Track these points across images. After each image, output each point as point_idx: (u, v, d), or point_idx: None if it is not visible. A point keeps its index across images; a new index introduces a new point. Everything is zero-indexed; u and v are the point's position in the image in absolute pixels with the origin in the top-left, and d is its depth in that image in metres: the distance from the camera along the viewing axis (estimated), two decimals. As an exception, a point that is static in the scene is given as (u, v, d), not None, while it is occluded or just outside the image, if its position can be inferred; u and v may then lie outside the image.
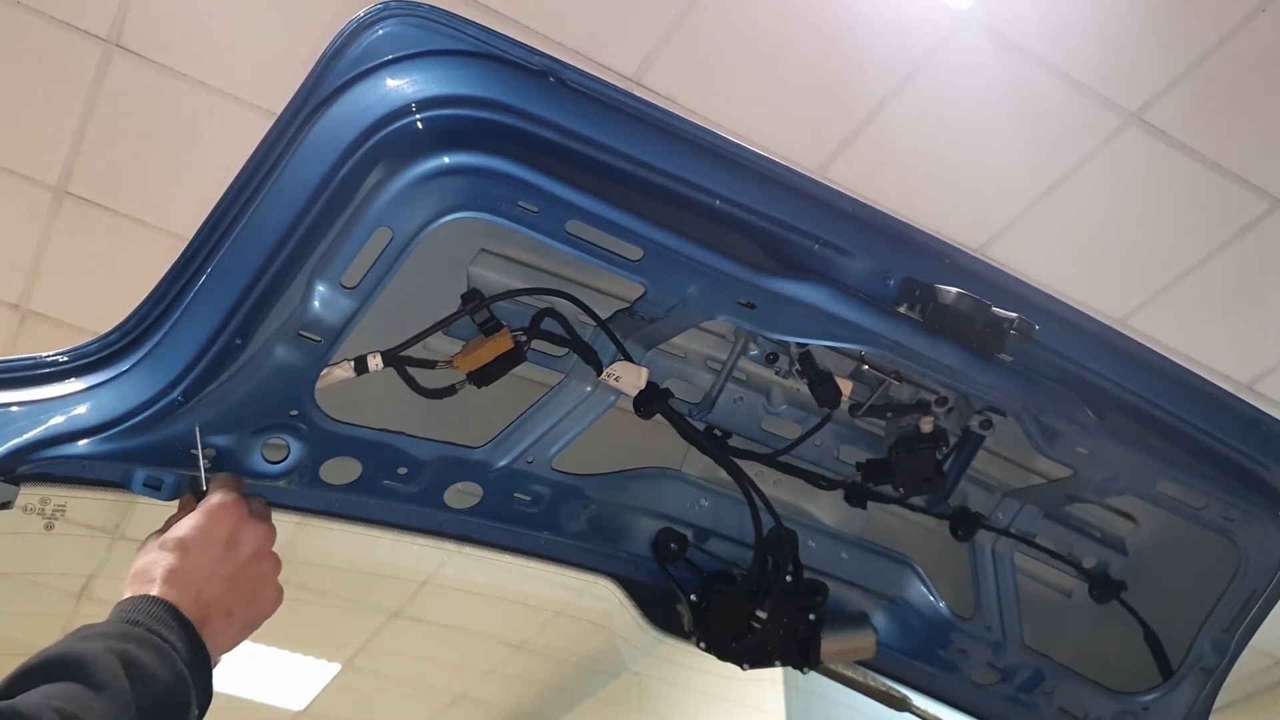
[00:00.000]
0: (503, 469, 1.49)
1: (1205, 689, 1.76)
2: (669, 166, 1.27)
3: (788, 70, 3.27)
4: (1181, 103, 3.28)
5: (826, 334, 1.37)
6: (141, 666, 0.94)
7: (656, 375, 1.51)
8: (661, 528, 1.62)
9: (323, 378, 1.31)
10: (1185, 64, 3.19)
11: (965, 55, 3.20)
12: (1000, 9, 3.08)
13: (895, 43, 3.19)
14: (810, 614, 1.60)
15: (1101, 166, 3.49)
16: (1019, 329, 1.37)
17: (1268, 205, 3.58)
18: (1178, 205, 3.62)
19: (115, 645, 0.94)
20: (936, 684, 1.77)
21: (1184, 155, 3.44)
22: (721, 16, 3.12)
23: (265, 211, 1.18)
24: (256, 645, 4.82)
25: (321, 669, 6.42)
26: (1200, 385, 1.57)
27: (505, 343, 1.38)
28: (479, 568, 4.58)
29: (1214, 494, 1.61)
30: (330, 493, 1.41)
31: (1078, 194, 3.58)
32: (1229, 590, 1.70)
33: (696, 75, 3.28)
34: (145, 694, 0.93)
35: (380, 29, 1.16)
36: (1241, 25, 3.08)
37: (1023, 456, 1.72)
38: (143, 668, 0.94)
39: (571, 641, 5.91)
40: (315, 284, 1.22)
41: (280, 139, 1.17)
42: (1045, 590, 1.84)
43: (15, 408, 1.22)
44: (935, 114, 3.37)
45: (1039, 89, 3.27)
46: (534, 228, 1.23)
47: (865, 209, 1.37)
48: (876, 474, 1.63)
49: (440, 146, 1.17)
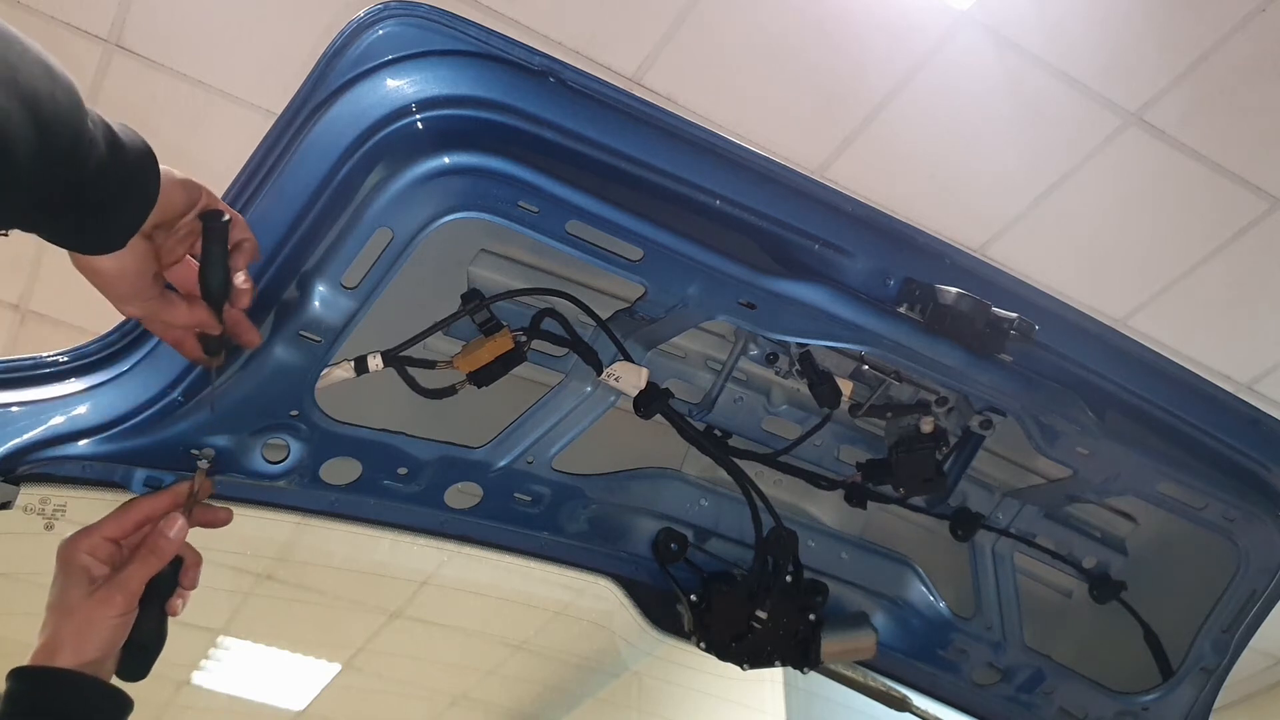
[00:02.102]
0: (503, 469, 1.49)
1: (1205, 689, 1.76)
2: (669, 166, 1.27)
3: (788, 70, 3.27)
4: (1181, 103, 3.28)
5: (827, 334, 1.37)
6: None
7: (657, 375, 1.51)
8: (662, 528, 1.62)
9: (323, 378, 1.31)
10: (1185, 64, 3.19)
11: (965, 55, 3.20)
12: (1000, 9, 3.08)
13: (895, 43, 3.19)
14: (810, 614, 1.60)
15: (1101, 166, 3.49)
16: (1019, 329, 1.37)
17: (1268, 205, 3.59)
18: (1178, 205, 3.62)
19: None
20: (936, 684, 1.77)
21: (1184, 155, 3.44)
22: (721, 16, 3.12)
23: (266, 211, 1.18)
24: (256, 645, 4.86)
25: (321, 669, 6.43)
26: (1200, 385, 1.57)
27: (505, 343, 1.38)
28: (479, 568, 4.58)
29: (1214, 494, 1.62)
30: (330, 493, 1.41)
31: (1078, 194, 3.58)
32: (1229, 590, 1.70)
33: (696, 75, 3.28)
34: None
35: (380, 29, 1.16)
36: (1241, 25, 3.09)
37: (1023, 456, 1.72)
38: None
39: (571, 641, 5.91)
40: (316, 284, 1.22)
41: (280, 139, 1.17)
42: (1045, 590, 1.84)
43: (15, 408, 1.22)
44: (935, 114, 3.37)
45: (1039, 89, 3.27)
46: (534, 228, 1.23)
47: (865, 209, 1.37)
48: (876, 474, 1.63)
49: (440, 147, 1.17)
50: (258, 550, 5.10)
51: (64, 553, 1.15)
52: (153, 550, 1.16)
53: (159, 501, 1.21)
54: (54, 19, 3.09)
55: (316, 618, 5.98)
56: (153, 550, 1.16)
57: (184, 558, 1.19)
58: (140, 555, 1.16)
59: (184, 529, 1.19)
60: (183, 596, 1.20)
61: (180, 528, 1.18)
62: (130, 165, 0.98)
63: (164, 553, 1.16)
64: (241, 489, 1.33)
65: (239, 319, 1.16)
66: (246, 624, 5.96)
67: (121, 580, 1.13)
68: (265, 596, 5.59)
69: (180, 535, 1.18)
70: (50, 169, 0.89)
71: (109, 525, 1.17)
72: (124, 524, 1.18)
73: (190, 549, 1.20)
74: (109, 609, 1.12)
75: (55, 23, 3.10)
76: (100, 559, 1.15)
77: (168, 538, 1.17)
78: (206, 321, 1.13)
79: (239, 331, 1.17)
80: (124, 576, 1.14)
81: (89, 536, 1.16)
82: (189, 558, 1.20)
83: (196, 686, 6.54)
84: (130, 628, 1.14)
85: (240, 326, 1.17)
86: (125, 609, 1.13)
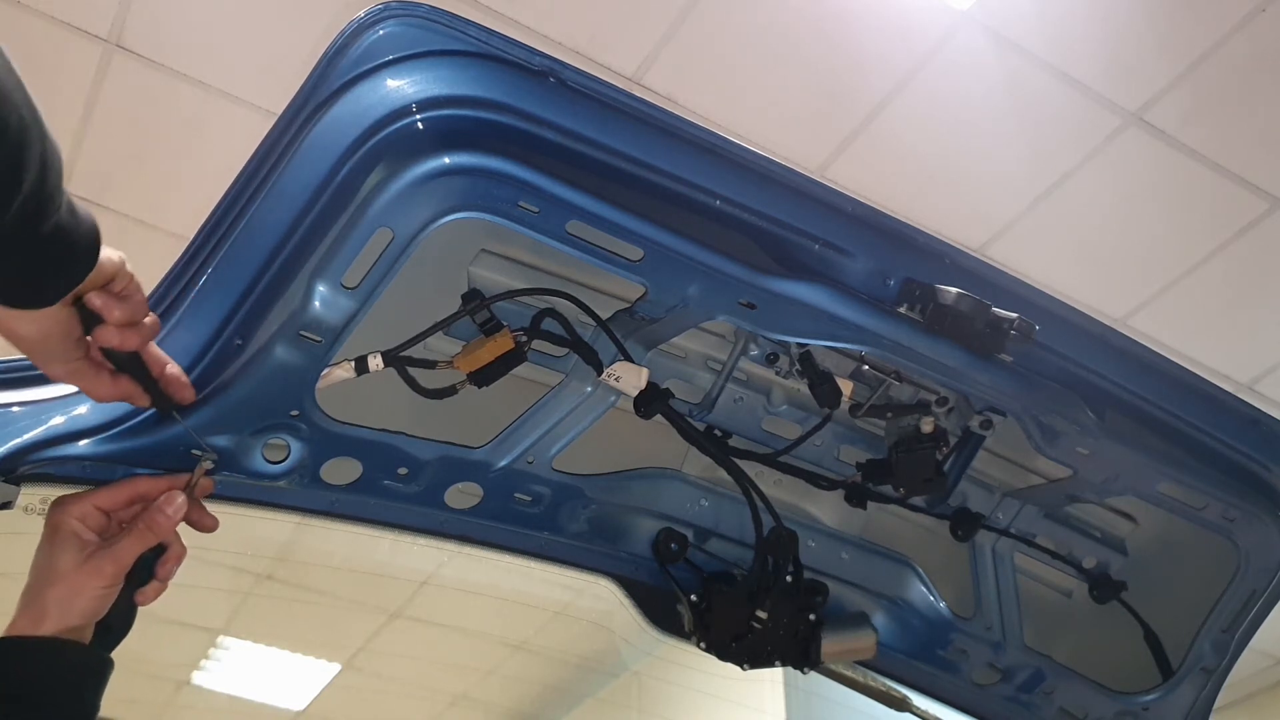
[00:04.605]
0: (503, 469, 1.49)
1: (1205, 689, 1.76)
2: (669, 167, 1.27)
3: (788, 70, 3.27)
4: (1181, 103, 3.28)
5: (827, 334, 1.37)
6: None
7: (657, 375, 1.51)
8: (662, 528, 1.62)
9: (323, 378, 1.30)
10: (1185, 64, 3.19)
11: (965, 55, 3.20)
12: (1000, 9, 3.08)
13: (895, 43, 3.19)
14: (810, 614, 1.60)
15: (1102, 166, 3.49)
16: (1019, 329, 1.37)
17: (1268, 205, 3.59)
18: (1178, 205, 3.62)
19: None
20: (936, 684, 1.76)
21: (1184, 155, 3.44)
22: (721, 16, 3.12)
23: (266, 212, 1.18)
24: (257, 645, 4.87)
25: (321, 669, 6.43)
26: (1200, 385, 1.57)
27: (506, 343, 1.38)
28: (479, 568, 4.59)
29: (1214, 494, 1.62)
30: (330, 493, 1.41)
31: (1078, 194, 3.58)
32: (1229, 590, 1.70)
33: (696, 75, 3.28)
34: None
35: (381, 29, 1.16)
36: (1241, 25, 3.09)
37: (1023, 456, 1.72)
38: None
39: (571, 641, 5.91)
40: (316, 284, 1.22)
41: (281, 139, 1.17)
42: (1045, 590, 1.84)
43: (15, 408, 1.22)
44: (935, 114, 3.37)
45: (1039, 89, 3.28)
46: (534, 228, 1.23)
47: (865, 209, 1.37)
48: (877, 474, 1.63)
49: (441, 147, 1.17)
50: (258, 550, 5.11)
51: (54, 516, 1.15)
52: (150, 526, 1.16)
53: (157, 482, 1.20)
54: (54, 19, 3.09)
55: (316, 618, 5.98)
56: (150, 526, 1.16)
57: (168, 546, 1.19)
58: (136, 529, 1.15)
59: (183, 507, 1.18)
60: (155, 589, 1.19)
61: (180, 505, 1.18)
62: (84, 229, 0.98)
63: (160, 529, 1.16)
64: (241, 489, 1.33)
65: (172, 379, 1.17)
66: (246, 624, 5.96)
67: (115, 551, 1.13)
68: (265, 596, 5.59)
69: (179, 514, 1.18)
70: (36, 210, 0.89)
71: (103, 495, 1.17)
72: (118, 497, 1.18)
73: (178, 539, 1.20)
74: (98, 579, 1.12)
75: (55, 23, 3.09)
76: (90, 527, 1.15)
77: (166, 514, 1.17)
78: (131, 394, 1.14)
79: (173, 390, 1.17)
80: (117, 548, 1.13)
81: (81, 502, 1.15)
82: (174, 547, 1.19)
83: (196, 686, 6.55)
84: (112, 602, 1.14)
85: (173, 385, 1.17)
86: (113, 581, 1.13)
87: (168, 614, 5.35)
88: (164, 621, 5.30)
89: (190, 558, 1.22)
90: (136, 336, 1.10)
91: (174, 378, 1.17)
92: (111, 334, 1.07)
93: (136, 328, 1.09)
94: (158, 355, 1.16)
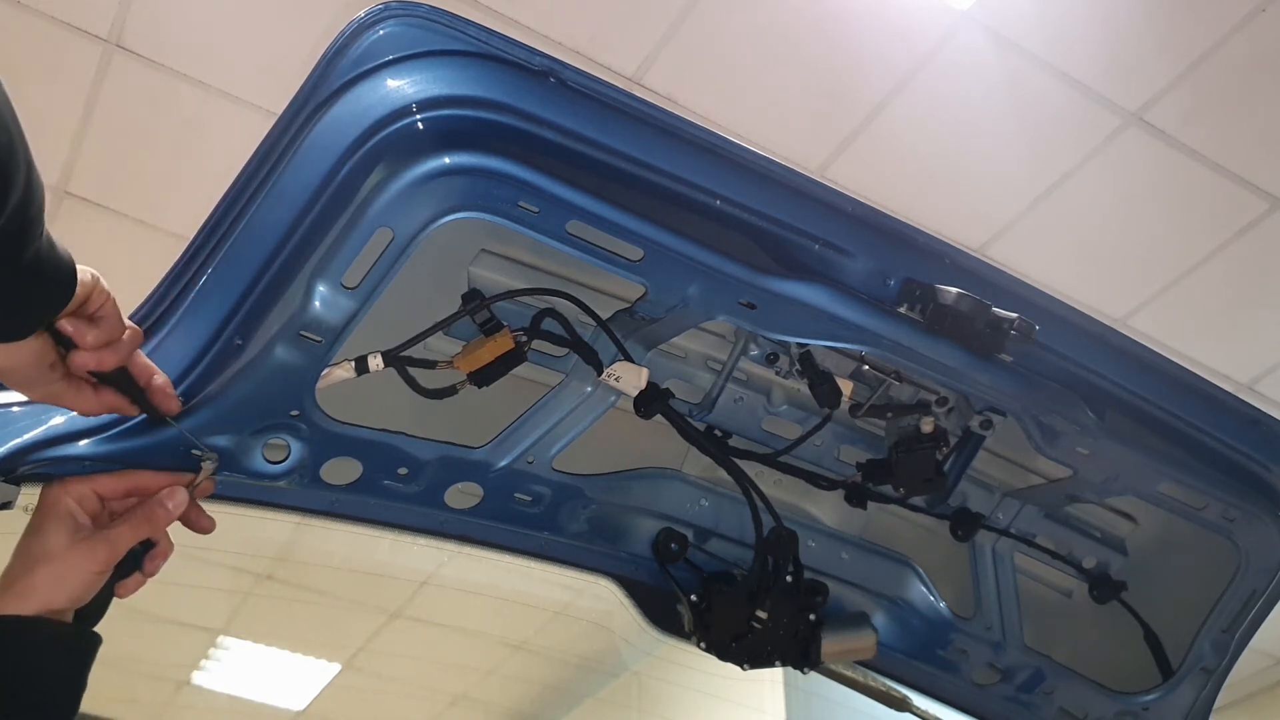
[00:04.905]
0: (503, 469, 1.49)
1: (1205, 689, 1.76)
2: (669, 166, 1.27)
3: (788, 70, 3.28)
4: (1181, 103, 3.29)
5: (827, 334, 1.37)
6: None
7: (657, 375, 1.51)
8: (662, 528, 1.62)
9: (323, 378, 1.30)
10: (1185, 64, 3.19)
11: (965, 55, 3.20)
12: (1000, 9, 3.09)
13: (895, 43, 3.19)
14: (810, 614, 1.60)
15: (1102, 166, 3.49)
16: (1019, 329, 1.37)
17: (1268, 205, 3.59)
18: (1178, 205, 3.62)
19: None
20: (936, 684, 1.77)
21: (1184, 155, 3.44)
22: (721, 17, 3.13)
23: (266, 212, 1.18)
24: (257, 645, 4.87)
25: (321, 669, 6.44)
26: (1200, 385, 1.57)
27: (506, 343, 1.38)
28: (479, 568, 4.59)
29: (1214, 494, 1.62)
30: (331, 493, 1.41)
31: (1078, 194, 3.58)
32: (1229, 590, 1.70)
33: (696, 75, 3.28)
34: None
35: (381, 29, 1.16)
36: (1241, 25, 3.09)
37: (1023, 456, 1.72)
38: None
39: (571, 641, 5.91)
40: (316, 284, 1.22)
41: (281, 139, 1.17)
42: (1045, 590, 1.84)
43: (15, 408, 1.22)
44: (935, 114, 3.37)
45: (1039, 89, 3.28)
46: (534, 228, 1.23)
47: (865, 209, 1.37)
48: (877, 474, 1.63)
49: (441, 147, 1.17)
50: (258, 550, 5.11)
51: (50, 495, 1.15)
52: (148, 517, 1.16)
53: (157, 477, 1.20)
54: (54, 19, 3.09)
55: (316, 618, 5.99)
56: (148, 517, 1.16)
57: (157, 542, 1.19)
58: (134, 519, 1.15)
59: (184, 504, 1.18)
60: (137, 582, 1.19)
61: (181, 501, 1.18)
62: (63, 260, 0.98)
63: (158, 521, 1.16)
64: (241, 489, 1.33)
65: (158, 389, 1.16)
66: (246, 624, 5.96)
67: (110, 537, 1.13)
68: (265, 596, 5.59)
69: (179, 510, 1.18)
70: (18, 232, 0.89)
71: (102, 481, 1.17)
72: (117, 486, 1.18)
73: (167, 536, 1.20)
74: (91, 562, 1.11)
75: (55, 23, 3.09)
76: (86, 510, 1.14)
77: (166, 507, 1.17)
78: (118, 406, 1.14)
79: (158, 402, 1.17)
80: (113, 534, 1.13)
81: (80, 485, 1.15)
82: (162, 544, 1.19)
83: (196, 686, 6.55)
84: (98, 589, 1.13)
85: (159, 396, 1.17)
86: (105, 567, 1.12)
87: (168, 614, 5.36)
88: (164, 621, 5.30)
89: (190, 558, 1.22)
90: (114, 355, 1.09)
91: (160, 389, 1.17)
92: (87, 358, 1.07)
93: (113, 346, 1.08)
94: (144, 365, 1.15)
